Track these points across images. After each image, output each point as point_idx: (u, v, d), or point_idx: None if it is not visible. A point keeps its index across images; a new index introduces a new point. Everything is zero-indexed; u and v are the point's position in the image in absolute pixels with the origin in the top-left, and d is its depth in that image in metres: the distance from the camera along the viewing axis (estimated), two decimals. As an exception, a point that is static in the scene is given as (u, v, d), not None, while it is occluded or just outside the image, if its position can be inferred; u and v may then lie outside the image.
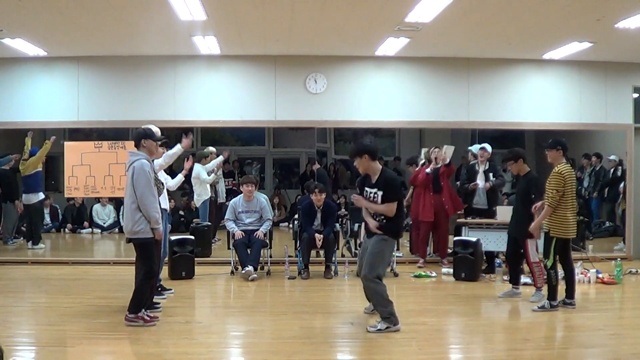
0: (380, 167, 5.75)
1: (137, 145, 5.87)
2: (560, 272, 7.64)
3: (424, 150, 9.77)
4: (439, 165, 9.04)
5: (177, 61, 9.57)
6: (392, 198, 5.59)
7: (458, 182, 9.50)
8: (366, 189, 5.76)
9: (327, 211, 8.48)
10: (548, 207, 6.34)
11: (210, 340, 5.56)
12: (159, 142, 6.77)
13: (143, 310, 5.81)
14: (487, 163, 9.02)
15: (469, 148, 9.81)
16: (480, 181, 8.93)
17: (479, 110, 9.74)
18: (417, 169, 9.44)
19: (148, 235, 5.69)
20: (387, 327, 5.60)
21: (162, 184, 6.48)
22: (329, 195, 9.00)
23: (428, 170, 9.07)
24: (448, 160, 9.02)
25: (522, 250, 7.03)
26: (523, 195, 6.97)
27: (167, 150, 7.02)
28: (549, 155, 6.52)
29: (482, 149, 9.05)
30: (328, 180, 9.89)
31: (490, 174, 8.93)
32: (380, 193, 5.61)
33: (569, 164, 6.54)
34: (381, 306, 5.65)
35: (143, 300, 5.79)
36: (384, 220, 5.66)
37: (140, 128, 6.11)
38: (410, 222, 9.69)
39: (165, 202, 6.78)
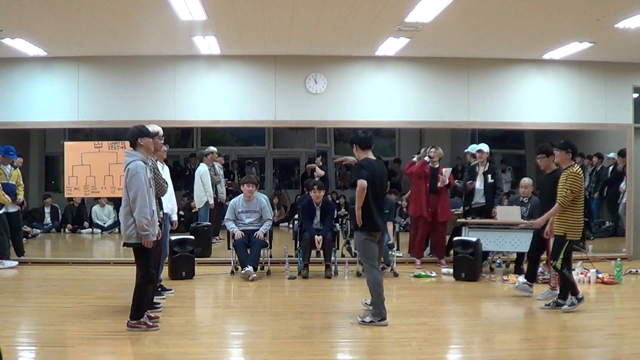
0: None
1: (133, 145, 5.67)
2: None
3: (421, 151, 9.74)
4: (436, 167, 9.06)
5: (177, 61, 9.57)
6: (351, 180, 6.02)
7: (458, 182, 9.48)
8: None
9: (326, 208, 8.50)
10: (559, 206, 6.32)
11: (210, 340, 5.57)
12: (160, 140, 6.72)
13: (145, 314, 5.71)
14: (487, 164, 9.03)
15: (467, 150, 9.79)
16: (478, 181, 8.94)
17: (479, 110, 9.74)
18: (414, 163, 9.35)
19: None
20: (371, 322, 5.83)
21: (167, 182, 6.28)
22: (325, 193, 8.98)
23: (427, 158, 9.02)
24: (447, 182, 9.01)
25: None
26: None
27: (167, 149, 7.01)
28: (558, 156, 6.52)
29: (480, 150, 9.06)
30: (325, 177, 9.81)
31: (489, 175, 8.93)
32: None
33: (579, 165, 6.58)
34: (375, 294, 5.91)
35: (143, 305, 5.68)
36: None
37: (133, 127, 5.82)
38: (409, 222, 9.66)
39: (167, 204, 6.72)
